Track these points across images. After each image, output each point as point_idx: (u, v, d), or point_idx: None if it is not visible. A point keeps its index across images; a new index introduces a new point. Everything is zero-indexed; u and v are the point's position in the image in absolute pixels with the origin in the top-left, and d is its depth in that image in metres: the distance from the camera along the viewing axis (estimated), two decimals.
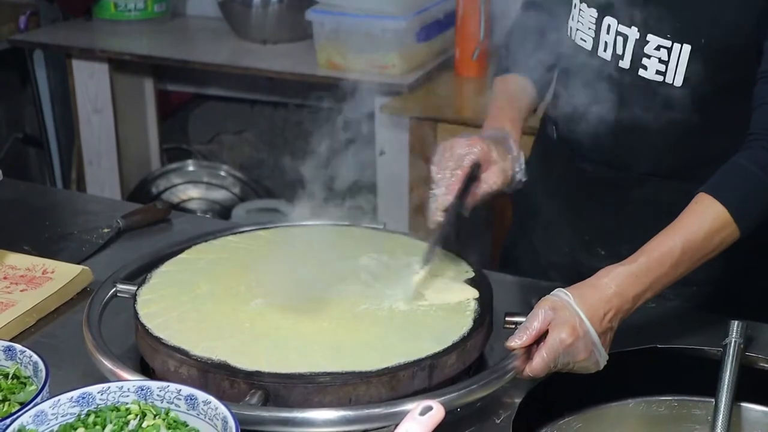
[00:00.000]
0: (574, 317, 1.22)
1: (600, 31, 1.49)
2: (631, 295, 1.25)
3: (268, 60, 3.06)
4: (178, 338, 1.20)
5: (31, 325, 1.40)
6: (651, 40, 1.44)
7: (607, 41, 1.49)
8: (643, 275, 1.26)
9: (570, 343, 1.21)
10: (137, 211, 1.75)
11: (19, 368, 1.14)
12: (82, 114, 3.36)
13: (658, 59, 1.44)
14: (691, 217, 1.30)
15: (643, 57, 1.45)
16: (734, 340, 1.29)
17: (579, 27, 1.53)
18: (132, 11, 3.44)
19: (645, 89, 1.47)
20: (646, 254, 1.27)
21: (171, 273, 1.38)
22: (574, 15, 1.54)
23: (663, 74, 1.44)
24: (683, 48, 1.41)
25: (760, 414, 1.35)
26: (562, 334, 1.21)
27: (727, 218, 1.28)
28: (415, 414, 1.01)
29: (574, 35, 1.54)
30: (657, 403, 1.35)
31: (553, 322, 1.22)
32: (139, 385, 1.07)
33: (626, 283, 1.25)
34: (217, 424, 1.02)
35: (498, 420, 1.19)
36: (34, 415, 1.02)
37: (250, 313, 1.28)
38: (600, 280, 1.26)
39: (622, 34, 1.47)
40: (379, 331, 1.25)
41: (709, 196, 1.30)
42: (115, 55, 3.25)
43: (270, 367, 1.15)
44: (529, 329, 1.22)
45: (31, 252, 1.58)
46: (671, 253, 1.27)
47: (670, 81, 1.44)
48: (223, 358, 1.17)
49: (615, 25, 1.47)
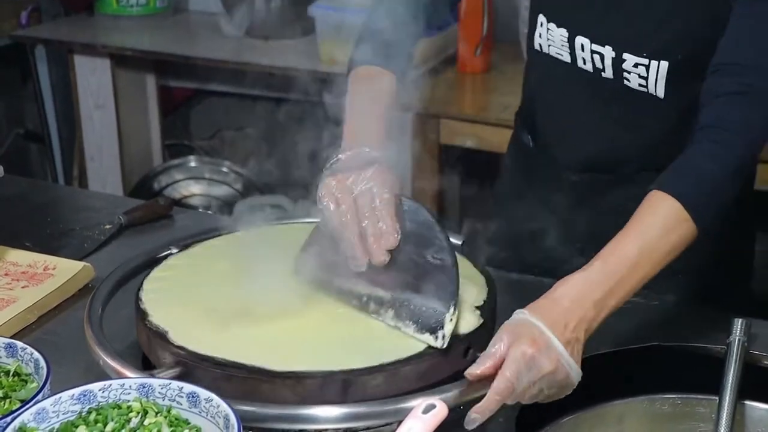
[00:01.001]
0: (533, 329, 1.14)
1: (574, 48, 1.49)
2: (591, 302, 1.18)
3: (270, 56, 3.06)
4: (180, 334, 1.20)
5: (33, 322, 1.40)
6: (627, 58, 1.44)
7: (585, 57, 1.48)
8: (601, 280, 1.19)
9: (531, 354, 1.12)
10: (139, 207, 1.74)
11: (20, 365, 1.14)
12: (84, 110, 3.36)
13: (637, 75, 1.45)
14: (645, 216, 1.24)
15: (623, 72, 1.46)
16: (738, 338, 1.28)
17: (551, 44, 1.52)
18: (134, 7, 3.44)
19: (630, 95, 1.47)
20: (601, 259, 1.21)
21: (174, 269, 1.37)
22: (542, 33, 1.52)
23: (645, 87, 1.45)
24: (660, 64, 1.42)
25: (764, 412, 1.34)
26: (522, 346, 1.12)
27: (681, 214, 1.23)
28: (418, 412, 1.01)
29: (546, 49, 1.53)
30: (660, 401, 1.34)
31: (513, 341, 1.13)
32: (141, 383, 1.07)
33: (584, 291, 1.19)
34: (219, 421, 1.02)
35: (501, 418, 1.18)
36: (35, 413, 1.01)
37: (251, 311, 1.27)
38: (555, 292, 1.19)
39: (597, 52, 1.46)
40: (352, 332, 1.24)
41: (661, 192, 1.24)
42: (117, 50, 3.25)
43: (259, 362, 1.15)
44: (489, 356, 1.13)
45: (33, 248, 1.58)
46: (628, 255, 1.21)
47: (652, 92, 1.45)
48: (226, 354, 1.16)
49: (588, 44, 1.47)
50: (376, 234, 1.23)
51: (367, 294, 1.26)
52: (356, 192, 1.25)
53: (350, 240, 1.23)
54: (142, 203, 1.78)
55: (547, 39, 1.52)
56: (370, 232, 1.23)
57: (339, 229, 1.24)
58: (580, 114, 1.55)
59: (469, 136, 2.70)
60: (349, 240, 1.23)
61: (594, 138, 1.55)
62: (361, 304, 1.26)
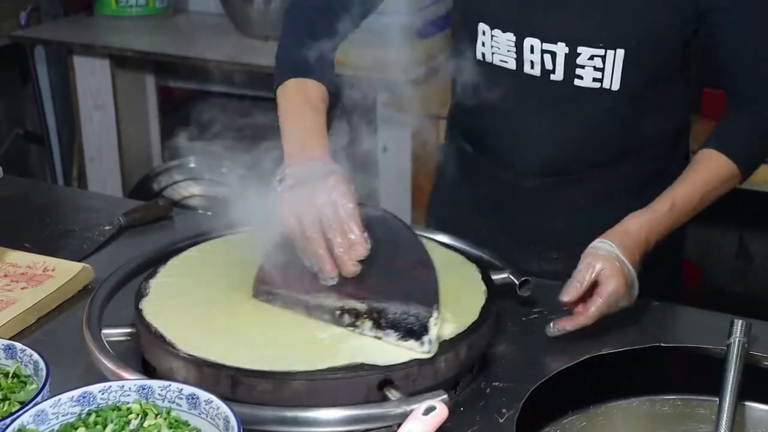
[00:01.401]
0: (624, 267, 1.33)
1: (522, 52, 1.48)
2: (653, 240, 1.39)
3: (270, 56, 3.05)
4: (178, 336, 1.20)
5: (32, 323, 1.40)
6: (582, 51, 1.45)
7: (533, 60, 1.48)
8: (666, 223, 1.41)
9: (624, 292, 1.32)
10: (139, 208, 1.74)
11: (19, 367, 1.13)
12: (84, 110, 3.35)
13: (593, 68, 1.46)
14: (707, 171, 1.45)
15: (576, 68, 1.46)
16: (738, 340, 1.28)
17: (495, 51, 1.51)
18: (133, 7, 3.44)
19: (581, 97, 1.49)
20: (671, 201, 1.41)
21: (174, 270, 1.37)
22: (485, 41, 1.51)
23: (600, 81, 1.46)
24: (617, 53, 1.44)
25: (764, 413, 1.34)
26: (617, 284, 1.31)
27: (736, 171, 1.46)
28: (419, 413, 1.01)
29: (490, 58, 1.52)
30: (661, 402, 1.34)
31: (604, 273, 1.31)
32: (141, 385, 1.07)
33: (653, 230, 1.39)
34: (219, 423, 1.02)
35: (501, 419, 1.18)
36: (35, 415, 1.01)
37: (252, 313, 1.27)
38: (632, 226, 1.38)
39: (548, 51, 1.46)
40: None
41: (720, 153, 1.46)
42: (117, 51, 3.25)
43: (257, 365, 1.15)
44: (581, 282, 1.31)
45: (32, 249, 1.58)
46: (691, 205, 1.43)
47: (607, 86, 1.46)
48: (223, 358, 1.16)
49: (539, 44, 1.47)
50: (345, 245, 1.20)
51: (340, 307, 1.22)
52: (318, 204, 1.21)
53: (317, 252, 1.20)
54: (142, 204, 1.77)
55: (491, 47, 1.51)
56: (338, 242, 1.20)
57: (304, 243, 1.21)
58: (527, 120, 1.54)
59: None
60: (316, 252, 1.20)
61: (544, 143, 1.55)
62: (334, 319, 1.23)
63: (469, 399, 1.22)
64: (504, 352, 1.32)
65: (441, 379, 1.17)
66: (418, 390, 1.14)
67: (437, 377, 1.17)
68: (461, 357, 1.20)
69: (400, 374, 1.15)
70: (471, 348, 1.21)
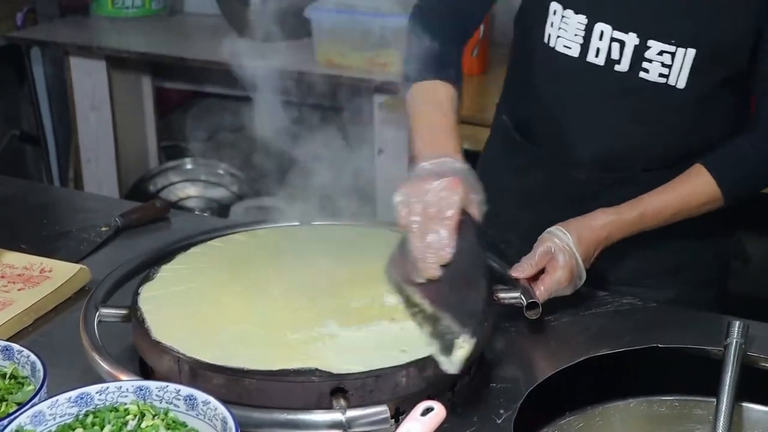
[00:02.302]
0: (572, 260, 1.38)
1: (591, 37, 1.46)
2: (615, 239, 1.43)
3: (266, 58, 3.05)
4: (175, 338, 1.20)
5: (29, 324, 1.40)
6: (653, 45, 1.43)
7: (600, 47, 1.46)
8: (633, 227, 1.44)
9: (566, 283, 1.37)
10: (136, 209, 1.74)
11: (16, 368, 1.13)
12: (80, 111, 3.35)
13: (660, 63, 1.43)
14: (689, 188, 1.45)
15: (643, 61, 1.44)
16: (735, 340, 1.28)
17: (562, 34, 1.48)
18: (130, 8, 3.44)
19: (644, 91, 1.46)
20: (641, 210, 1.43)
21: (171, 272, 1.37)
22: (554, 22, 1.49)
23: (666, 77, 1.44)
24: (687, 52, 1.41)
25: (761, 413, 1.34)
26: (562, 276, 1.36)
27: (718, 195, 1.46)
28: (417, 414, 1.01)
29: (554, 42, 1.50)
30: (658, 402, 1.34)
31: (553, 262, 1.37)
32: (138, 385, 1.06)
33: (616, 231, 1.43)
34: (217, 424, 1.02)
35: (499, 420, 1.18)
36: (32, 416, 1.01)
37: (238, 309, 1.27)
38: (596, 222, 1.41)
39: (618, 40, 1.44)
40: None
41: (708, 172, 1.45)
42: (113, 52, 3.25)
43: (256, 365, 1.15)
44: (531, 265, 1.37)
45: (29, 251, 1.57)
46: (663, 215, 1.44)
47: (673, 83, 1.44)
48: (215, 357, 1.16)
49: (609, 31, 1.44)
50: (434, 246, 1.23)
51: (419, 304, 1.23)
52: (427, 198, 1.26)
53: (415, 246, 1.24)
54: (139, 205, 1.77)
55: (559, 28, 1.48)
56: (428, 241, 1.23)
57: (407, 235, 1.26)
58: (585, 111, 1.52)
59: (466, 137, 2.69)
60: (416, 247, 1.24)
61: (601, 135, 1.52)
62: (413, 313, 1.24)
63: (466, 400, 1.22)
64: (501, 353, 1.32)
65: (402, 393, 1.15)
66: (374, 402, 1.12)
67: (398, 390, 1.15)
68: (426, 374, 1.17)
69: (354, 384, 1.13)
70: (436, 367, 1.17)
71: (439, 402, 1.03)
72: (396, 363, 1.15)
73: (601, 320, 1.41)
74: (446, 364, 1.16)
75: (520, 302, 1.34)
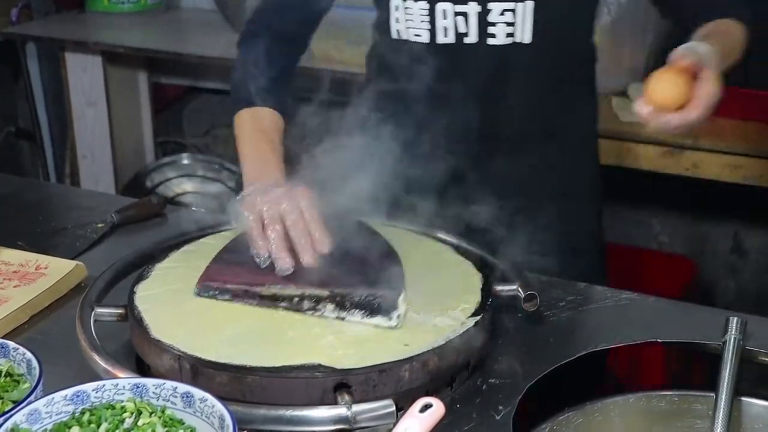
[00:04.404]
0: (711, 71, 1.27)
1: (435, 20, 1.52)
2: None
3: None
4: (175, 337, 1.19)
5: (25, 321, 1.39)
6: (493, 7, 1.49)
7: (446, 26, 1.52)
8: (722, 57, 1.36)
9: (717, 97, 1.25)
10: (132, 205, 1.73)
11: (12, 366, 1.12)
12: (76, 107, 3.35)
13: (505, 23, 1.50)
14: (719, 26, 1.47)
15: (488, 26, 1.50)
16: (734, 336, 1.28)
17: (409, 25, 1.54)
18: (126, 3, 3.43)
19: (496, 59, 1.52)
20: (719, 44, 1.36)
21: (168, 268, 1.37)
22: (398, 17, 1.55)
23: (512, 35, 1.51)
24: (527, 5, 1.49)
25: (761, 408, 1.34)
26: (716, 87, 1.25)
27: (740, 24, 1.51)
28: (415, 411, 1.00)
29: (405, 34, 1.55)
30: (657, 397, 1.34)
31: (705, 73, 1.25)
32: (135, 383, 1.06)
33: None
34: (214, 422, 1.01)
35: (498, 416, 1.18)
36: (28, 414, 1.00)
37: (235, 308, 1.27)
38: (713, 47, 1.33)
39: (461, 13, 1.50)
40: None
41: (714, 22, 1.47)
42: (109, 47, 3.24)
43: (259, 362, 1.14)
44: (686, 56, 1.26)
45: (25, 247, 1.57)
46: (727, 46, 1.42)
47: (519, 40, 1.51)
48: (218, 355, 1.15)
49: (451, 8, 1.50)
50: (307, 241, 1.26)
51: (299, 294, 1.24)
52: (282, 207, 1.27)
53: (277, 244, 1.26)
54: (135, 201, 1.77)
55: (406, 20, 1.54)
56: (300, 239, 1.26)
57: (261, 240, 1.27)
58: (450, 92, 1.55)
59: None
60: (276, 244, 1.26)
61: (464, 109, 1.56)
62: (292, 306, 1.24)
63: (465, 396, 1.22)
64: (500, 348, 1.32)
65: (404, 387, 1.15)
66: (378, 397, 1.11)
67: (401, 385, 1.15)
68: (429, 367, 1.17)
69: (358, 378, 1.13)
70: (440, 358, 1.18)
71: (438, 398, 1.02)
72: (399, 357, 1.15)
73: (599, 315, 1.40)
74: (386, 322, 1.20)
75: (518, 294, 1.33)
